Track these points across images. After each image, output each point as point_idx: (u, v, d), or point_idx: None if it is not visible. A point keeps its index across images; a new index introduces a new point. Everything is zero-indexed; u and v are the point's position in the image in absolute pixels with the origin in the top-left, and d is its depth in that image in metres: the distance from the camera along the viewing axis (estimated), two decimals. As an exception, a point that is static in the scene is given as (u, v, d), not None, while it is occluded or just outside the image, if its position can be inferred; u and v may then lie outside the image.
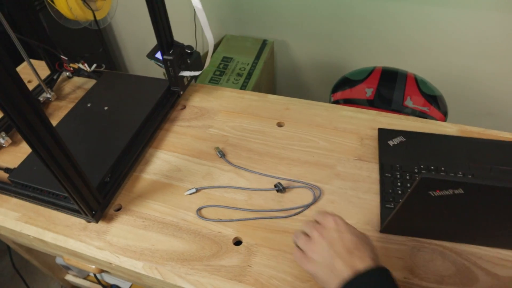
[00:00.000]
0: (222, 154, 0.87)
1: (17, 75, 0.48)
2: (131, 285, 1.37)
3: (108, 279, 1.38)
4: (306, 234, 0.58)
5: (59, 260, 1.32)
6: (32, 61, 1.05)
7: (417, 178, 0.77)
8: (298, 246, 0.59)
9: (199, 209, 0.78)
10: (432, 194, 0.53)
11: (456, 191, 0.51)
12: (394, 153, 0.82)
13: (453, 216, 0.60)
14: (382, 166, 0.81)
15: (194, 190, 0.80)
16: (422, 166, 0.79)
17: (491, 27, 1.41)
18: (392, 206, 0.74)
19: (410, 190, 0.55)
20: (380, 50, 1.66)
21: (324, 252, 0.54)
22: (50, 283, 1.70)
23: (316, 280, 0.55)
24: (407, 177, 0.78)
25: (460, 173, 0.78)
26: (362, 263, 0.51)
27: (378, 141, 0.86)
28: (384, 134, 0.87)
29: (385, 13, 1.53)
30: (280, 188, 0.78)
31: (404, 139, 0.85)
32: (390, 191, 0.76)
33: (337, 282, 0.50)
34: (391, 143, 0.84)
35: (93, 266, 1.01)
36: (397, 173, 0.78)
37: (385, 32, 1.59)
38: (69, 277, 1.43)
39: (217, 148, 0.88)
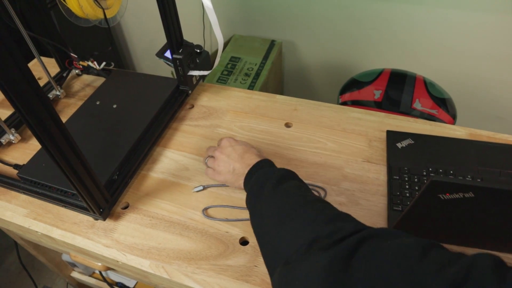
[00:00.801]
0: None
1: (29, 72, 0.49)
2: (136, 283, 1.38)
3: (114, 277, 1.38)
4: (212, 157, 0.78)
5: (65, 257, 1.33)
6: (42, 58, 1.05)
7: (425, 181, 0.76)
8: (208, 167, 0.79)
9: (206, 209, 0.78)
10: (441, 197, 0.53)
11: (467, 195, 0.50)
12: (402, 156, 0.82)
13: (462, 220, 0.60)
14: (390, 168, 0.80)
15: (201, 188, 0.80)
16: (430, 169, 0.79)
17: (501, 30, 1.40)
18: (400, 209, 0.73)
19: (419, 192, 0.54)
20: (389, 52, 1.66)
21: (225, 163, 0.73)
22: (56, 280, 1.71)
23: (229, 185, 0.76)
24: (415, 180, 0.77)
25: (469, 176, 0.77)
26: (252, 160, 0.70)
27: (386, 143, 0.86)
28: (393, 136, 0.86)
29: (394, 15, 1.52)
30: None
31: (413, 142, 0.84)
32: (398, 193, 0.75)
33: (241, 178, 0.69)
34: (399, 145, 0.84)
35: (100, 264, 1.01)
36: (405, 175, 0.78)
37: (394, 34, 1.59)
38: (75, 274, 1.43)
39: None
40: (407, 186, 0.76)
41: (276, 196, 0.57)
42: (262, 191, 0.59)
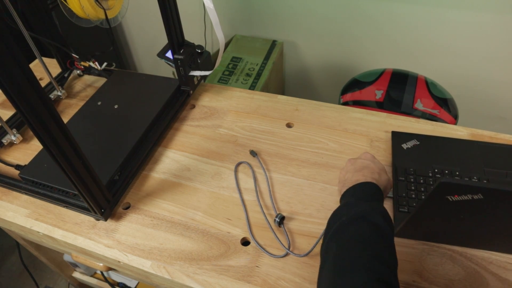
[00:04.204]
0: (255, 154, 0.87)
1: (30, 73, 0.49)
2: (137, 284, 1.38)
3: (115, 277, 1.38)
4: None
5: (66, 257, 1.33)
6: (44, 59, 1.06)
7: (431, 182, 0.76)
8: None
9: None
10: (450, 199, 0.52)
11: (475, 197, 0.50)
12: (408, 157, 0.82)
13: (470, 221, 0.59)
14: (395, 169, 0.80)
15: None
16: (436, 170, 0.78)
17: (503, 31, 1.40)
18: (406, 210, 0.73)
19: (427, 194, 0.54)
20: (390, 52, 1.65)
21: (347, 169, 0.67)
22: (57, 280, 1.71)
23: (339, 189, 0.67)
24: (421, 181, 0.77)
25: (475, 177, 0.77)
26: (364, 178, 0.63)
27: (391, 144, 0.85)
28: (398, 137, 0.86)
29: (395, 15, 1.52)
30: (279, 220, 0.73)
31: (418, 143, 0.84)
32: (404, 195, 0.75)
33: (345, 189, 0.63)
34: (404, 146, 0.83)
35: (101, 264, 1.01)
36: (411, 176, 0.78)
37: (395, 34, 1.58)
38: (77, 274, 1.44)
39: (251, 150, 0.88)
40: (413, 187, 0.76)
41: (335, 242, 0.53)
42: (330, 230, 0.56)
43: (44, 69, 0.99)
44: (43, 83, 1.08)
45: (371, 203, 0.58)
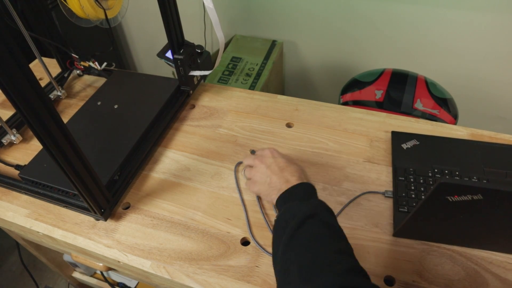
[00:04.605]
0: (254, 152, 0.87)
1: (30, 73, 0.49)
2: (137, 284, 1.38)
3: (115, 277, 1.38)
4: (251, 167, 0.73)
5: (66, 257, 1.33)
6: (44, 59, 1.06)
7: (431, 182, 0.76)
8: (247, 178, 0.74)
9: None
10: (449, 199, 0.52)
11: (475, 197, 0.50)
12: (407, 157, 0.82)
13: (469, 221, 0.59)
14: (395, 169, 0.80)
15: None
16: (436, 170, 0.78)
17: (503, 31, 1.40)
18: (406, 210, 0.73)
19: (427, 194, 0.54)
20: (390, 52, 1.65)
21: (263, 173, 0.69)
22: (57, 280, 1.71)
23: (262, 197, 0.70)
24: (421, 181, 0.77)
25: (475, 177, 0.77)
26: (292, 177, 0.65)
27: (391, 144, 0.85)
28: (398, 137, 0.86)
29: (395, 15, 1.52)
30: None
31: (418, 143, 0.84)
32: (404, 194, 0.75)
33: (276, 193, 0.65)
34: (404, 146, 0.83)
35: (101, 264, 1.01)
36: (411, 176, 0.78)
37: (395, 34, 1.58)
38: (76, 274, 1.44)
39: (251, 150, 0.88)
40: (412, 187, 0.76)
41: (292, 250, 0.53)
42: (281, 239, 0.55)
43: (44, 69, 0.99)
44: (43, 83, 1.08)
45: (311, 201, 0.60)
